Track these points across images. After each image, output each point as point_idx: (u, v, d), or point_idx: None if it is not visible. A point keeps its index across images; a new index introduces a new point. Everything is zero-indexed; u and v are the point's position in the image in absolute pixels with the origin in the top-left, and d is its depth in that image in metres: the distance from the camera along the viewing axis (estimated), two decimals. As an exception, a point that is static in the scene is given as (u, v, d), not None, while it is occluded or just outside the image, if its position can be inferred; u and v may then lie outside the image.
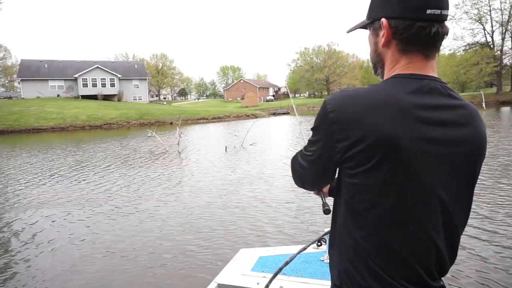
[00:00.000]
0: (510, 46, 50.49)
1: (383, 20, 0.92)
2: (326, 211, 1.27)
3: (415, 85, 0.90)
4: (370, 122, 0.86)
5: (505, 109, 33.41)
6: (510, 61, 51.00)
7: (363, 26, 1.03)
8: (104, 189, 8.53)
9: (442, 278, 1.02)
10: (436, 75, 0.95)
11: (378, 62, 1.01)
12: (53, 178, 10.01)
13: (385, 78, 0.98)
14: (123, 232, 5.53)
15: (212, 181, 8.99)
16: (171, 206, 6.91)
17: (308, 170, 1.07)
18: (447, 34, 0.92)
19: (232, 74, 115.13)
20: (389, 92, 0.89)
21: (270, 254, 2.76)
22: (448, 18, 0.91)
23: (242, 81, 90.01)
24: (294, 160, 1.14)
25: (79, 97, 49.04)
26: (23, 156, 15.26)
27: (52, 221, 6.18)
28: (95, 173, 10.67)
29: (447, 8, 0.90)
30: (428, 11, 0.87)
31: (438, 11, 0.88)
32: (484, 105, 35.97)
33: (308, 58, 71.40)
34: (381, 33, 0.95)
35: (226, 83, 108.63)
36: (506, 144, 12.19)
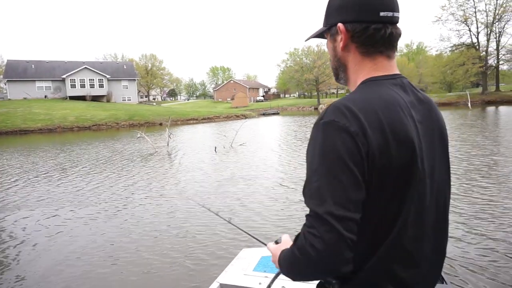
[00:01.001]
0: (494, 47, 51.51)
1: (340, 24, 0.96)
2: None
3: (396, 84, 0.96)
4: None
5: (490, 109, 34.10)
6: (495, 62, 52.03)
7: (321, 35, 1.07)
8: (94, 190, 8.52)
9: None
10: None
11: (339, 66, 1.04)
12: (39, 179, 9.96)
13: (352, 81, 1.02)
14: (122, 231, 5.56)
15: (204, 180, 9.06)
16: (169, 205, 6.95)
17: None
18: (400, 36, 0.98)
19: (222, 75, 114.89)
20: (388, 94, 0.92)
21: None
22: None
23: (232, 81, 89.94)
24: None
25: (67, 98, 48.45)
26: (4, 158, 15.08)
27: (37, 221, 6.18)
28: (83, 174, 10.63)
29: (398, 11, 0.96)
30: (381, 14, 0.92)
31: (390, 14, 0.93)
32: (469, 104, 36.65)
33: (298, 59, 71.50)
34: (339, 37, 0.98)
35: (216, 83, 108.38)
36: (490, 144, 12.49)
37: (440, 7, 50.77)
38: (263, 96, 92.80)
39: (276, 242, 1.13)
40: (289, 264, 0.89)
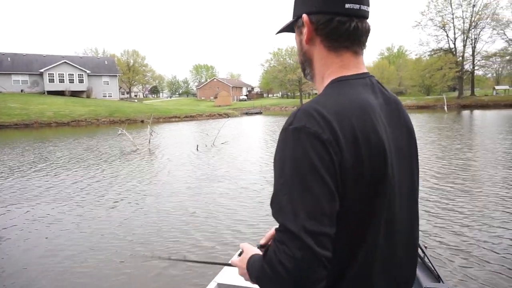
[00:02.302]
0: (470, 53, 53.30)
1: (304, 15, 0.91)
2: None
3: (366, 85, 0.92)
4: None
5: (465, 113, 35.31)
6: (471, 67, 53.85)
7: (292, 29, 1.02)
8: (74, 186, 8.44)
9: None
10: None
11: (305, 61, 0.99)
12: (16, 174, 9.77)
13: (317, 78, 0.97)
14: (119, 230, 5.53)
15: (184, 178, 9.10)
16: (163, 203, 6.97)
17: None
18: (369, 31, 0.93)
19: (205, 73, 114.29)
20: (359, 97, 0.88)
21: None
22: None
23: (215, 80, 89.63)
24: None
25: (45, 93, 47.17)
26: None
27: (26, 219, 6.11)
28: (61, 171, 10.49)
29: (367, 5, 0.91)
30: (347, 5, 0.87)
31: (357, 6, 0.88)
32: (446, 108, 37.80)
33: (281, 59, 72.03)
34: (304, 30, 0.93)
35: (199, 81, 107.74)
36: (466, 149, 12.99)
37: (420, 13, 52.08)
38: (247, 95, 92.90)
39: (240, 254, 1.04)
40: (258, 278, 0.82)
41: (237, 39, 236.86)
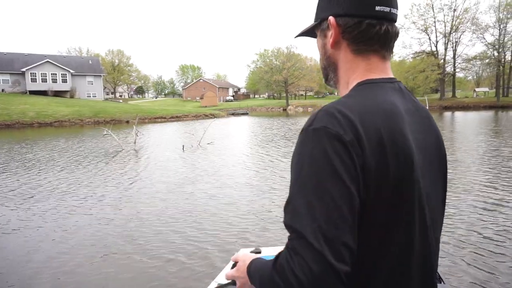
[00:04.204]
0: (452, 56, 54.76)
1: (331, 18, 0.87)
2: None
3: (395, 89, 0.88)
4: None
5: (447, 114, 36.28)
6: (452, 70, 55.28)
7: (312, 33, 0.99)
8: (62, 187, 8.41)
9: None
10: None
11: (328, 66, 0.95)
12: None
13: (342, 83, 0.93)
14: (119, 230, 5.53)
15: (170, 178, 9.15)
16: (163, 204, 6.99)
17: None
18: (397, 35, 0.90)
19: (191, 73, 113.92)
20: (386, 99, 0.83)
21: (271, 253, 2.82)
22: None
23: (201, 80, 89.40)
24: None
25: (26, 92, 46.25)
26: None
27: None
28: (44, 172, 10.40)
29: (397, 8, 0.88)
30: (377, 8, 0.84)
31: (387, 9, 0.85)
32: (428, 109, 38.68)
33: (268, 60, 72.41)
34: (329, 33, 0.89)
35: (185, 82, 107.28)
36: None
37: (403, 16, 53.26)
38: (233, 96, 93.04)
39: (234, 266, 0.98)
40: (264, 285, 0.77)
41: (224, 39, 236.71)
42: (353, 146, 0.72)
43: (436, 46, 55.03)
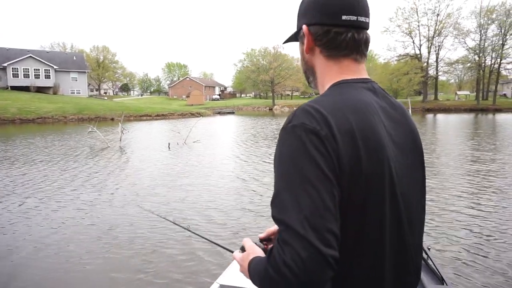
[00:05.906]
0: (434, 59, 56.03)
1: (304, 26, 0.96)
2: None
3: (368, 89, 0.93)
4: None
5: (429, 116, 37.14)
6: (434, 73, 56.58)
7: (297, 39, 1.06)
8: (51, 185, 8.37)
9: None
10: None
11: (307, 69, 1.03)
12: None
13: (320, 85, 1.00)
14: (119, 229, 5.53)
15: (156, 177, 9.21)
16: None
17: None
18: (368, 41, 0.96)
19: (178, 71, 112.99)
20: (359, 97, 0.89)
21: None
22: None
23: (188, 78, 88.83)
24: None
25: (8, 88, 45.15)
26: None
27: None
28: (28, 168, 10.30)
29: (365, 16, 0.94)
30: (344, 17, 0.90)
31: (354, 17, 0.91)
32: (410, 111, 39.46)
33: (255, 59, 72.53)
34: (305, 40, 0.97)
35: (172, 80, 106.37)
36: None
37: (388, 19, 54.30)
38: (219, 95, 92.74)
39: (242, 250, 1.02)
40: (261, 281, 0.80)
41: (211, 38, 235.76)
42: (329, 140, 0.77)
43: (419, 50, 56.25)
